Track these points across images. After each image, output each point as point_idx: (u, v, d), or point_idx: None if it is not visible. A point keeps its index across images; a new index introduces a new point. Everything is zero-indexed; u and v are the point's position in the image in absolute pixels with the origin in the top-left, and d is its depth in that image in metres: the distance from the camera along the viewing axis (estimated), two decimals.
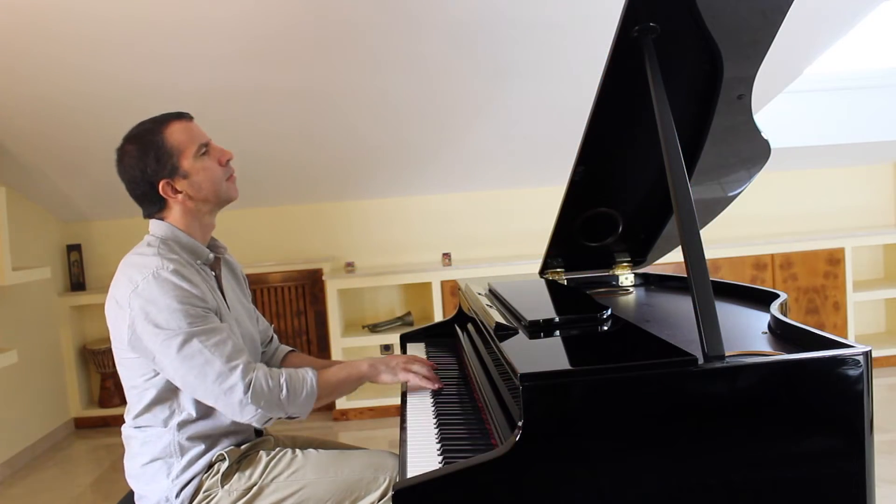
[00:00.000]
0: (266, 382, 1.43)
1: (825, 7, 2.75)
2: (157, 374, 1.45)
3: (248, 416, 1.42)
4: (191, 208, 1.53)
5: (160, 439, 1.48)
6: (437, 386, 1.64)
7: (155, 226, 1.54)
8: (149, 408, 1.47)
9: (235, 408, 1.41)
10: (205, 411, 1.49)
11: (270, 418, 1.45)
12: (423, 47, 2.76)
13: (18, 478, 3.28)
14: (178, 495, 1.46)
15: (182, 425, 1.47)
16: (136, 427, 1.50)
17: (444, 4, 2.51)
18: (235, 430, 1.54)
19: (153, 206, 1.53)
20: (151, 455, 1.48)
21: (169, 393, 1.47)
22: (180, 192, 1.50)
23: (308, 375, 1.50)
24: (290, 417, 1.49)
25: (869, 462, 1.11)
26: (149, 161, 1.47)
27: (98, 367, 3.95)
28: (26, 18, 2.36)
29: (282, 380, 1.45)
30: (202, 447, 1.48)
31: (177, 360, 1.39)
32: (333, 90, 3.00)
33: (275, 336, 1.85)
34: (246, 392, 1.40)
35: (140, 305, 1.40)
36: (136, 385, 1.47)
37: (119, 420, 1.54)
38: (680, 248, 1.24)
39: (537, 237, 2.86)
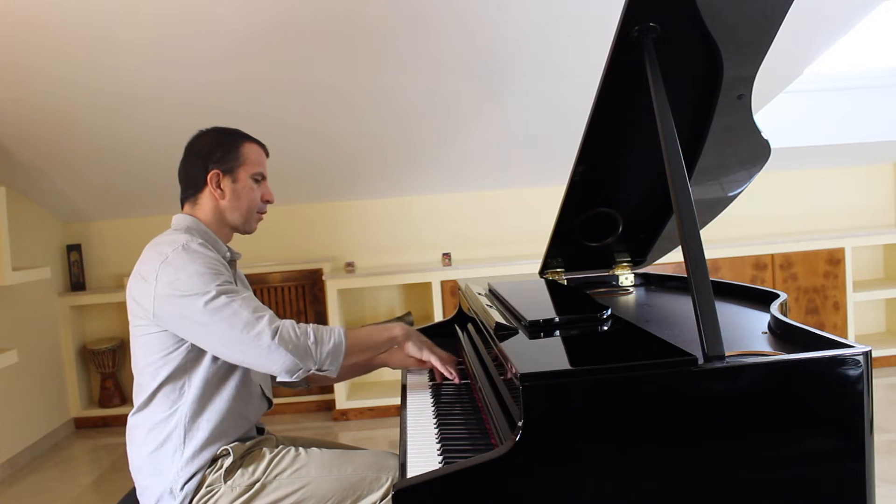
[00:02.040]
0: (293, 330, 1.44)
1: (825, 7, 2.75)
2: (176, 348, 1.48)
3: (279, 362, 1.41)
4: (219, 209, 1.62)
5: (166, 425, 1.49)
6: (454, 378, 1.68)
7: (179, 218, 1.62)
8: (161, 387, 1.49)
9: (264, 353, 1.40)
10: (212, 395, 1.50)
11: (300, 368, 1.43)
12: (426, 47, 2.76)
13: (18, 478, 3.28)
14: (181, 488, 1.47)
15: (188, 411, 1.49)
16: (144, 412, 1.51)
17: (449, 5, 2.51)
18: (238, 422, 1.55)
19: (191, 188, 1.63)
20: (156, 443, 1.49)
21: (181, 371, 1.49)
22: (220, 189, 1.60)
23: (336, 328, 1.51)
24: (320, 371, 1.47)
25: (869, 462, 1.11)
26: (218, 150, 1.61)
27: (98, 367, 3.95)
28: (25, 17, 2.36)
29: (309, 329, 1.47)
30: (205, 438, 1.49)
31: (204, 315, 1.41)
32: (336, 89, 3.00)
33: None
34: (273, 337, 1.40)
35: (169, 273, 1.45)
36: (152, 363, 1.50)
37: (119, 420, 1.55)
38: (680, 248, 1.24)
39: (537, 237, 2.86)
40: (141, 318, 1.50)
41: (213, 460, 1.50)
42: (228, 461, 1.49)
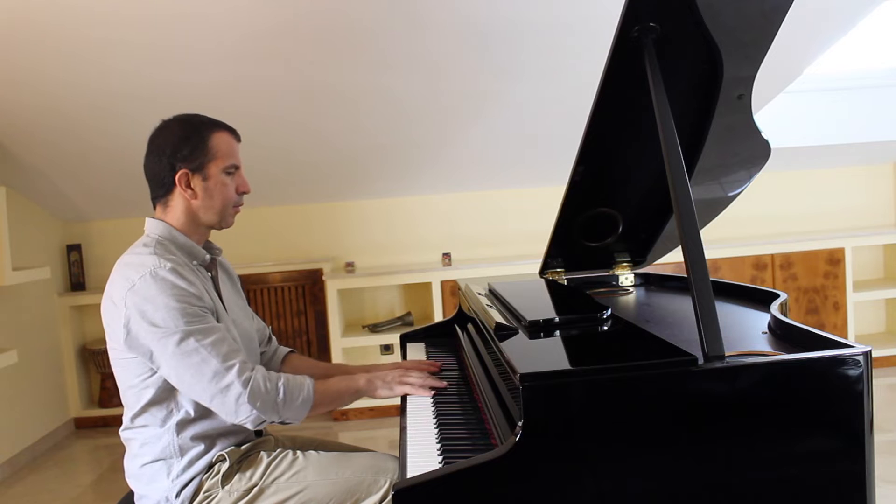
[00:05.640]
0: (264, 384, 1.42)
1: (825, 7, 2.75)
2: (155, 373, 1.44)
3: (243, 416, 1.41)
4: (192, 209, 1.54)
5: (159, 440, 1.47)
6: (438, 386, 1.62)
7: (151, 225, 1.55)
8: (146, 408, 1.47)
9: (231, 407, 1.40)
10: (203, 411, 1.48)
11: (264, 421, 1.44)
12: (426, 47, 2.76)
13: (18, 478, 3.28)
14: (178, 495, 1.46)
15: (181, 425, 1.47)
16: (134, 428, 1.50)
17: (449, 4, 2.51)
18: (235, 430, 1.54)
19: (160, 188, 1.55)
20: (151, 455, 1.48)
21: (166, 393, 1.46)
22: (190, 189, 1.52)
23: (306, 382, 1.49)
24: (283, 422, 1.48)
25: (869, 462, 1.11)
26: (184, 146, 1.50)
27: (98, 367, 3.95)
28: (25, 17, 2.36)
29: (280, 383, 1.44)
30: (202, 447, 1.48)
31: (173, 359, 1.39)
32: (336, 89, 3.00)
33: (273, 337, 1.85)
34: (243, 389, 1.39)
35: (136, 304, 1.39)
36: (134, 385, 1.47)
37: (119, 420, 1.54)
38: (680, 248, 1.24)
39: (537, 237, 2.86)
40: (115, 342, 1.46)
41: (210, 466, 1.49)
42: (225, 466, 1.48)
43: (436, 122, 3.37)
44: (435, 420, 1.47)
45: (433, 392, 1.61)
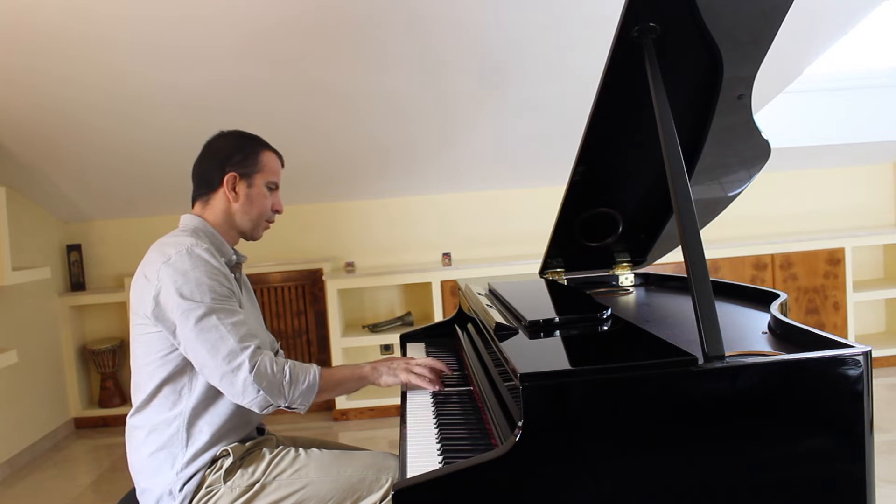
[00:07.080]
0: (270, 366, 1.45)
1: (825, 7, 2.75)
2: (175, 349, 1.48)
3: (250, 397, 1.44)
4: (230, 211, 1.63)
5: (168, 426, 1.49)
6: (437, 387, 1.63)
7: (187, 219, 1.63)
8: (160, 388, 1.50)
9: (238, 387, 1.43)
10: (212, 398, 1.51)
11: (271, 404, 1.46)
12: (426, 47, 2.76)
13: (18, 478, 3.28)
14: (181, 489, 1.47)
15: (191, 413, 1.49)
16: (143, 412, 1.52)
17: (449, 4, 2.51)
18: (240, 426, 1.55)
19: (204, 187, 1.64)
20: (157, 444, 1.50)
21: (181, 373, 1.50)
22: (234, 192, 1.62)
23: (312, 368, 1.52)
24: (290, 408, 1.50)
25: (869, 462, 1.11)
26: (237, 152, 1.63)
27: (98, 367, 3.95)
28: (25, 17, 2.36)
29: (286, 367, 1.48)
30: (207, 440, 1.49)
31: (192, 332, 1.43)
32: (336, 89, 3.00)
33: (281, 351, 1.87)
34: (251, 372, 1.43)
35: (170, 275, 1.46)
36: (151, 362, 1.50)
37: (119, 420, 1.55)
38: (680, 248, 1.24)
39: (537, 237, 2.86)
40: (141, 317, 1.50)
41: (213, 461, 1.50)
42: (228, 462, 1.49)
43: (436, 122, 3.37)
44: (435, 420, 1.47)
45: (435, 386, 1.62)
